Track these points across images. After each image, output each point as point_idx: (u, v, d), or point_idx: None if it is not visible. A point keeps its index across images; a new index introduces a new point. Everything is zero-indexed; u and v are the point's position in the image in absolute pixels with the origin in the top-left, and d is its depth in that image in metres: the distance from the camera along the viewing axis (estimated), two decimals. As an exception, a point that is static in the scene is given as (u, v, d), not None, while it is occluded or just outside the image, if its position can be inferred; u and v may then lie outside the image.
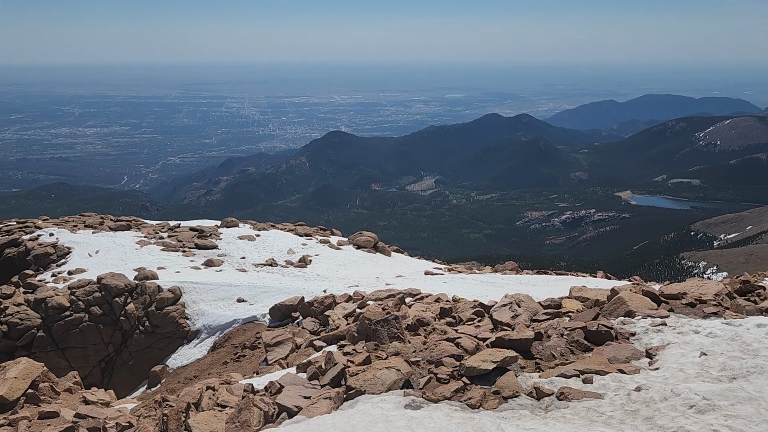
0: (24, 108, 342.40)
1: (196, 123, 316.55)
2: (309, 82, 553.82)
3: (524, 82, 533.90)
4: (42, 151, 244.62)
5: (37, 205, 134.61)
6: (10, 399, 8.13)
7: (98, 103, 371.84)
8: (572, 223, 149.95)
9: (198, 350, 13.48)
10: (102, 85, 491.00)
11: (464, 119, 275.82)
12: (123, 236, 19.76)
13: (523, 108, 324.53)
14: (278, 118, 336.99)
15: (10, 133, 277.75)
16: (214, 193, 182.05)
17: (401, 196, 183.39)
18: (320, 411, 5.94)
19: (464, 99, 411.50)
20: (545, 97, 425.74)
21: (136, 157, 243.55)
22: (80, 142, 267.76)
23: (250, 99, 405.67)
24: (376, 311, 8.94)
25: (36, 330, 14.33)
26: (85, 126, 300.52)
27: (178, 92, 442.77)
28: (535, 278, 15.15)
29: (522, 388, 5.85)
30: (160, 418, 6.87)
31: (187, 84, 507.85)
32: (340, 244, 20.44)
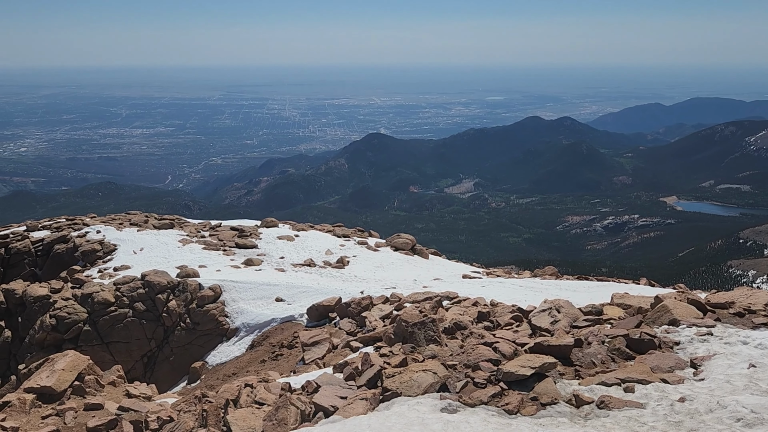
0: (75, 109, 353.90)
1: (238, 124, 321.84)
2: (349, 84, 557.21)
3: (567, 85, 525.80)
4: (90, 151, 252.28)
5: (85, 203, 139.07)
6: (58, 390, 8.40)
7: (145, 104, 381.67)
8: (614, 229, 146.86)
9: (237, 348, 13.68)
10: (149, 87, 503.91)
11: (504, 122, 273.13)
12: (166, 234, 20.21)
13: (566, 111, 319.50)
14: (318, 120, 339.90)
15: (61, 132, 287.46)
16: (254, 194, 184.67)
17: (439, 199, 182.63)
18: (356, 412, 5.95)
19: (505, 101, 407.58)
20: (588, 99, 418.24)
21: (179, 158, 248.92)
22: (127, 142, 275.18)
23: (291, 101, 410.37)
24: (413, 314, 8.92)
25: (82, 324, 14.77)
26: (131, 126, 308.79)
27: (221, 94, 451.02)
28: (576, 284, 14.89)
29: (561, 395, 5.75)
30: (199, 413, 7.00)
31: (230, 86, 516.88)
32: (378, 245, 20.48)
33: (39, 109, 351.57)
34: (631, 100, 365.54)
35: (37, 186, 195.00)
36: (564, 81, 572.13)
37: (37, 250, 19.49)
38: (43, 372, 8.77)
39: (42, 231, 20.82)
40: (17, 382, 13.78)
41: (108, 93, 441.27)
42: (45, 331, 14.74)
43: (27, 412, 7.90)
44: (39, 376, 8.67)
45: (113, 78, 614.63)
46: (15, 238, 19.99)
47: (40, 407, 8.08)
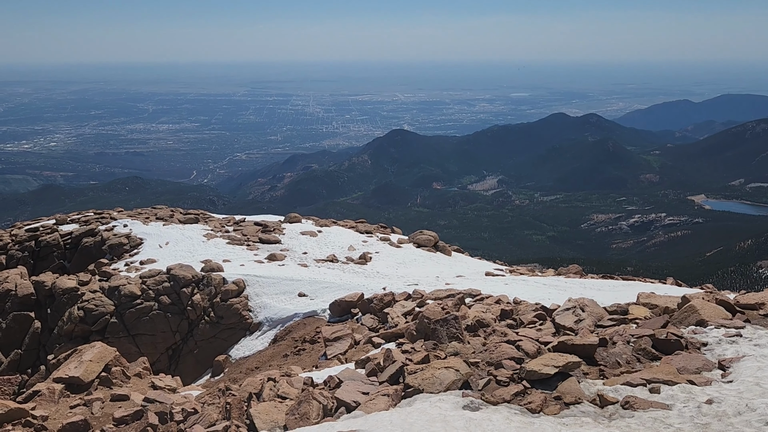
0: (102, 104, 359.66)
1: (262, 120, 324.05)
2: (373, 80, 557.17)
3: (593, 81, 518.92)
4: (118, 146, 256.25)
5: (113, 198, 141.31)
6: (86, 381, 8.56)
7: (171, 100, 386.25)
8: (641, 227, 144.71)
9: (260, 342, 13.79)
10: (175, 82, 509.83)
11: (529, 119, 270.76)
12: (191, 229, 20.44)
13: (592, 108, 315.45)
14: (342, 116, 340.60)
15: (89, 128, 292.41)
16: (278, 189, 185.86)
17: (463, 196, 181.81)
18: (378, 407, 5.96)
19: (530, 98, 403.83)
20: (615, 96, 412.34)
21: (204, 153, 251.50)
22: (153, 137, 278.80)
23: (314, 97, 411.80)
24: (436, 311, 8.90)
25: (109, 316, 15.01)
26: (158, 122, 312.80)
27: (245, 90, 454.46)
28: (600, 283, 14.71)
29: (585, 395, 5.69)
30: (223, 406, 7.08)
31: (255, 82, 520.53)
32: (401, 242, 20.48)
33: (68, 104, 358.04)
34: (659, 97, 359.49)
35: (66, 180, 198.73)
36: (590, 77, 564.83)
37: (66, 244, 19.85)
38: (72, 363, 8.94)
39: (71, 225, 21.21)
40: (46, 372, 14.07)
41: (135, 89, 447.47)
42: (73, 322, 15.02)
43: (56, 401, 8.06)
44: (67, 366, 8.85)
45: (140, 74, 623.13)
46: (45, 232, 20.40)
47: (68, 397, 8.25)
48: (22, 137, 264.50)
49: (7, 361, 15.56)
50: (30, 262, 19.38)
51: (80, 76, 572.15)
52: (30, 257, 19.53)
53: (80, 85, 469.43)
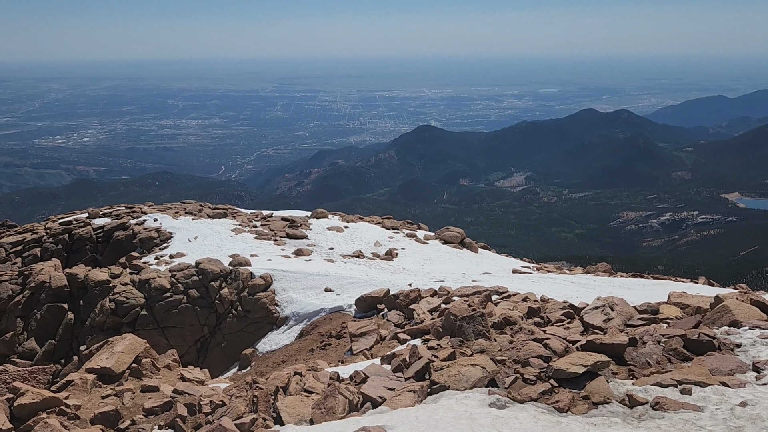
0: (134, 100, 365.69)
1: (289, 116, 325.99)
2: (400, 76, 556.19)
3: (624, 77, 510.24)
4: (149, 141, 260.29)
5: (143, 192, 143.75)
6: (117, 372, 8.73)
7: (200, 96, 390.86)
8: (672, 226, 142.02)
9: (286, 336, 13.90)
10: (204, 79, 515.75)
11: (558, 115, 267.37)
12: (219, 223, 20.69)
13: (622, 103, 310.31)
14: (369, 112, 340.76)
15: (121, 123, 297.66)
16: (305, 185, 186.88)
17: (490, 192, 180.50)
18: (404, 403, 5.96)
19: (559, 94, 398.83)
20: (647, 92, 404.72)
21: (233, 148, 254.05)
22: (183, 133, 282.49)
23: (342, 93, 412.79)
24: (462, 307, 8.86)
25: (140, 309, 15.29)
26: (187, 118, 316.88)
27: (273, 86, 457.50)
28: (630, 281, 14.49)
29: (613, 395, 5.61)
30: (250, 399, 7.15)
31: (283, 78, 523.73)
32: (427, 238, 20.43)
33: (101, 100, 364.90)
34: (692, 93, 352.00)
35: (98, 175, 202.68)
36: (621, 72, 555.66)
37: (98, 237, 20.26)
38: (103, 354, 9.12)
39: (103, 218, 21.64)
40: (79, 363, 14.39)
41: (165, 85, 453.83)
42: (105, 314, 15.33)
43: (88, 391, 8.23)
44: (99, 357, 9.03)
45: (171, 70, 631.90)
46: (78, 225, 20.85)
47: (100, 387, 8.42)
48: (56, 133, 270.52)
49: (42, 351, 15.96)
50: (64, 254, 19.83)
51: (113, 73, 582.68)
52: (64, 250, 19.98)
53: (113, 82, 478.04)
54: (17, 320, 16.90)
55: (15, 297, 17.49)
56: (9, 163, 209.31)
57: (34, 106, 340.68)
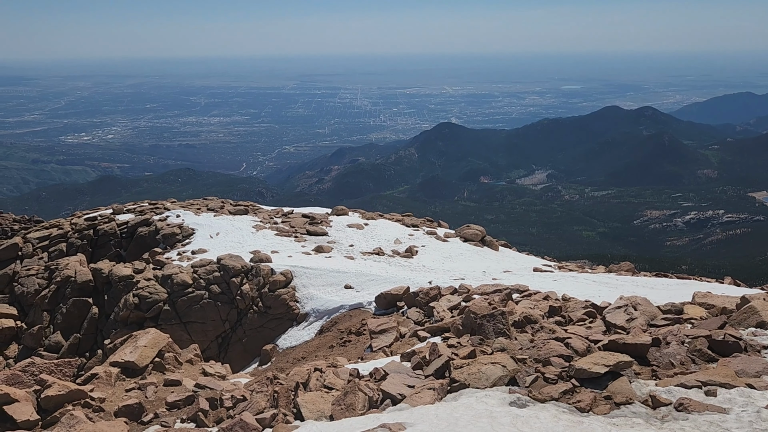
0: (157, 98, 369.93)
1: (310, 113, 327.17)
2: (421, 73, 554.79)
3: (649, 73, 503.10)
4: (171, 138, 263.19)
5: (166, 189, 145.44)
6: (140, 365, 8.85)
7: (222, 93, 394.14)
8: (697, 224, 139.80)
9: (306, 332, 13.97)
10: (226, 76, 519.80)
11: (581, 112, 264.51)
12: (241, 220, 20.84)
13: (647, 100, 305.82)
14: (389, 109, 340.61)
15: (144, 121, 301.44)
16: (325, 182, 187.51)
17: (511, 190, 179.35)
18: (424, 401, 5.96)
19: (582, 90, 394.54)
20: (672, 88, 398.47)
21: (254, 146, 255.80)
22: (205, 130, 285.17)
23: (362, 90, 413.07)
24: (482, 305, 8.82)
25: (162, 304, 15.47)
26: (209, 115, 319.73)
27: (294, 83, 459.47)
28: (653, 281, 14.30)
29: (636, 395, 5.55)
30: (271, 394, 7.20)
31: (304, 75, 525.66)
32: (447, 236, 20.38)
33: (125, 98, 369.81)
34: (719, 89, 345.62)
35: (122, 171, 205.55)
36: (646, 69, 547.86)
37: (122, 232, 20.54)
38: (127, 348, 9.25)
39: (126, 214, 21.93)
40: (103, 356, 14.62)
41: (188, 83, 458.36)
42: (128, 309, 15.54)
43: (112, 384, 8.36)
44: (123, 351, 9.16)
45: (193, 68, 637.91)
46: (102, 221, 21.15)
47: (123, 380, 8.55)
48: (81, 130, 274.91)
49: (67, 344, 16.25)
50: (88, 249, 20.13)
51: (137, 71, 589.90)
52: (89, 245, 20.29)
53: (137, 79, 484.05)
54: (44, 314, 17.23)
55: (42, 291, 17.83)
56: (36, 159, 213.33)
57: (60, 104, 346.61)
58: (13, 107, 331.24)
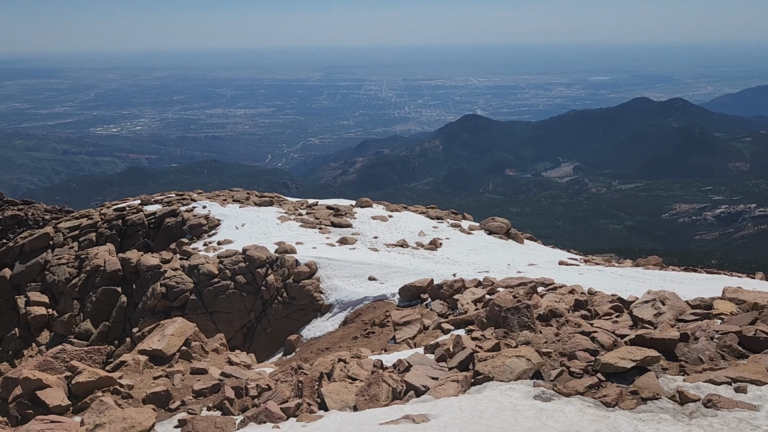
0: (184, 90, 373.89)
1: (335, 105, 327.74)
2: (447, 64, 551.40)
3: (680, 64, 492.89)
4: (198, 130, 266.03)
5: (192, 180, 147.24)
6: (167, 354, 8.99)
7: (248, 85, 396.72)
8: (727, 218, 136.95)
9: (330, 323, 14.04)
10: (252, 68, 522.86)
11: (609, 103, 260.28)
12: (266, 211, 21.00)
13: (677, 92, 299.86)
14: (414, 101, 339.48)
15: (172, 113, 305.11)
16: (349, 174, 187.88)
17: (536, 183, 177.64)
18: (447, 393, 5.95)
19: (610, 82, 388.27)
20: (704, 79, 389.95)
21: (279, 137, 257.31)
22: (231, 122, 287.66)
23: (387, 82, 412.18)
24: (507, 298, 8.77)
25: (189, 293, 15.68)
26: (235, 107, 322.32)
27: (320, 75, 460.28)
28: (682, 275, 14.06)
29: (663, 391, 5.47)
30: (295, 384, 7.26)
31: (329, 67, 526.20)
32: (472, 228, 20.28)
33: (153, 90, 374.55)
34: (752, 80, 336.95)
35: (150, 162, 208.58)
36: (677, 60, 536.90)
37: (150, 223, 20.84)
38: (155, 336, 9.41)
39: (154, 205, 22.25)
40: (131, 344, 14.90)
41: (215, 75, 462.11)
42: (156, 298, 15.80)
43: (140, 372, 8.52)
44: (151, 339, 9.31)
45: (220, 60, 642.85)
46: (131, 211, 21.49)
47: (151, 368, 8.69)
48: (110, 122, 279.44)
49: (97, 332, 16.59)
50: (117, 239, 20.48)
51: (164, 63, 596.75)
52: (117, 235, 20.64)
53: (164, 72, 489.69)
54: (74, 302, 17.61)
55: (72, 280, 18.22)
56: (66, 150, 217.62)
57: (89, 96, 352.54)
58: (44, 99, 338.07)
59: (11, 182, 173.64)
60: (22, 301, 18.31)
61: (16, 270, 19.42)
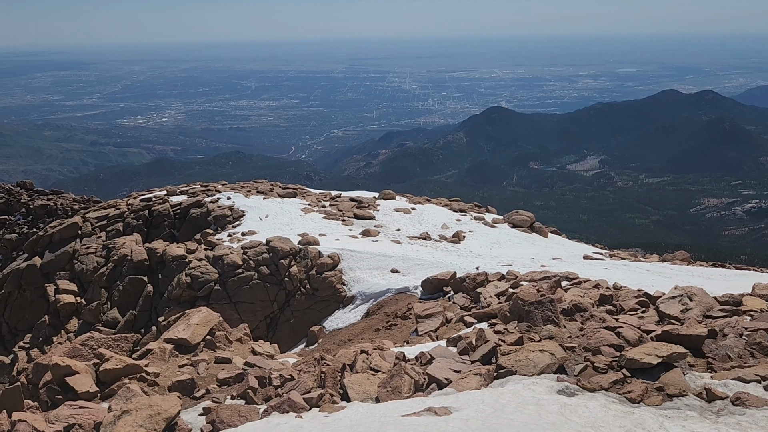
0: (209, 82, 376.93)
1: (358, 97, 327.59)
2: (471, 56, 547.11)
3: (710, 55, 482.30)
4: (223, 122, 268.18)
5: (217, 171, 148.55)
6: (192, 343, 9.12)
7: (272, 77, 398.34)
8: (758, 213, 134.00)
9: (352, 315, 14.09)
10: (276, 60, 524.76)
11: (637, 96, 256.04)
12: (289, 203, 21.11)
13: (707, 84, 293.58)
14: (438, 93, 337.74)
15: (197, 104, 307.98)
16: (372, 166, 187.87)
17: (561, 176, 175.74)
18: (470, 386, 5.94)
19: (638, 74, 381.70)
20: (735, 71, 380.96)
21: (302, 129, 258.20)
22: (255, 114, 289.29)
23: (411, 74, 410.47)
24: (530, 292, 8.71)
25: (213, 284, 15.86)
26: (259, 99, 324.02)
27: (343, 67, 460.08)
28: (710, 271, 13.82)
29: (690, 388, 5.39)
30: (318, 374, 7.31)
31: (353, 59, 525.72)
32: (495, 221, 20.16)
33: (179, 82, 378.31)
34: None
35: (175, 154, 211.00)
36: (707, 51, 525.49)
37: (175, 213, 21.11)
38: (180, 325, 9.54)
39: (180, 196, 22.51)
40: (157, 333, 15.14)
41: (239, 66, 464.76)
42: (181, 288, 16.01)
43: (166, 360, 8.65)
44: (176, 328, 9.45)
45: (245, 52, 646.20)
46: (157, 202, 21.79)
47: (177, 357, 8.82)
48: (137, 113, 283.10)
49: (123, 320, 16.88)
50: (144, 230, 20.78)
51: (190, 55, 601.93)
52: (144, 225, 20.95)
53: (190, 64, 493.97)
54: (102, 291, 17.94)
55: (100, 269, 18.56)
56: (94, 141, 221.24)
57: (117, 88, 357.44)
58: (72, 91, 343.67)
59: (41, 172, 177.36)
60: (51, 289, 18.72)
61: (45, 259, 19.84)
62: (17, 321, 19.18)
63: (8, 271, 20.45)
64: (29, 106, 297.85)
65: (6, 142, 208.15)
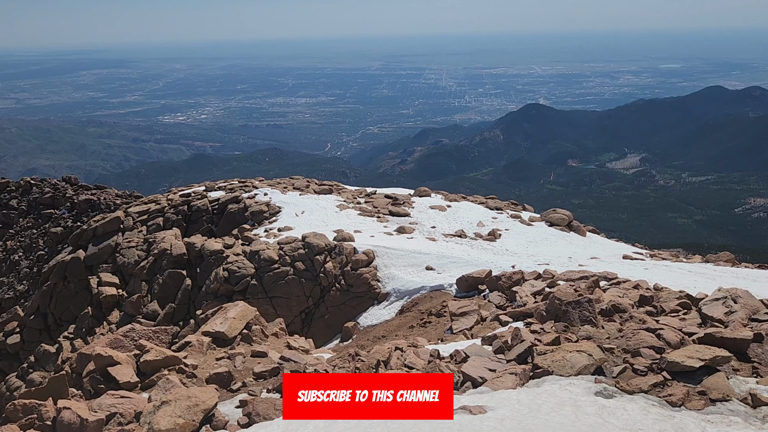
0: (247, 79, 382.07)
1: (394, 94, 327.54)
2: (509, 52, 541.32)
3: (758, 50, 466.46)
4: (260, 119, 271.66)
5: (254, 167, 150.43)
6: (229, 336, 9.25)
7: (309, 74, 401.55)
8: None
9: (387, 312, 14.09)
10: (313, 57, 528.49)
11: (680, 92, 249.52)
12: (325, 199, 21.23)
13: (755, 80, 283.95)
14: (474, 90, 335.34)
15: (235, 101, 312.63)
16: (407, 163, 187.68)
17: (600, 174, 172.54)
18: (505, 385, 5.88)
19: (681, 70, 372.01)
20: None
21: (338, 126, 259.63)
22: (291, 111, 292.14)
23: (448, 70, 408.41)
24: (568, 292, 8.58)
25: (250, 278, 16.06)
26: (296, 96, 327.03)
27: (379, 64, 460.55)
28: (756, 273, 13.39)
29: (734, 393, 5.23)
30: (352, 370, 7.34)
31: (389, 56, 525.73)
32: (532, 220, 19.91)
33: (217, 79, 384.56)
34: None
35: (214, 150, 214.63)
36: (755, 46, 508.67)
37: (214, 209, 21.45)
38: (218, 319, 9.69)
39: (218, 191, 22.87)
40: (195, 326, 15.41)
41: (276, 64, 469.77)
42: (218, 282, 16.26)
43: (204, 353, 8.80)
44: (214, 321, 9.60)
45: (282, 50, 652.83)
46: (196, 197, 22.18)
47: (214, 350, 8.97)
48: (177, 110, 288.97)
49: (163, 313, 17.25)
50: (183, 224, 21.17)
51: (229, 53, 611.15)
52: (183, 220, 21.34)
53: (228, 61, 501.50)
54: (142, 284, 18.37)
55: (141, 262, 18.99)
56: (136, 138, 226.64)
57: (158, 85, 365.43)
58: (116, 88, 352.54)
59: (85, 168, 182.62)
60: (94, 282, 19.24)
61: (89, 252, 20.39)
62: (62, 312, 19.77)
63: (54, 264, 21.09)
64: (74, 103, 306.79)
65: (52, 139, 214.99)
